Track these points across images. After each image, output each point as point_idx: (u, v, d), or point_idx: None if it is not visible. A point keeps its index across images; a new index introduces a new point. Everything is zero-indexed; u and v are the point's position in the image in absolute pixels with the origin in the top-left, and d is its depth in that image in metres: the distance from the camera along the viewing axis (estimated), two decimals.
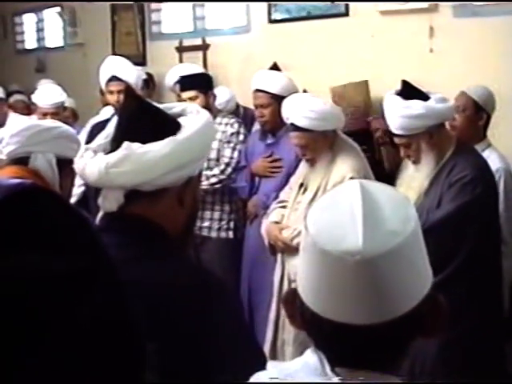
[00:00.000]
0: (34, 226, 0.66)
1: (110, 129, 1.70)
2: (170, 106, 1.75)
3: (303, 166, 4.03)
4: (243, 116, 5.39)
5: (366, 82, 4.95)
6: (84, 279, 0.68)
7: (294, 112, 3.84)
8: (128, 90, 1.73)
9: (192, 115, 1.69)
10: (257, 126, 4.98)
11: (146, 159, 1.55)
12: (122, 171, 1.56)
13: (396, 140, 3.44)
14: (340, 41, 5.35)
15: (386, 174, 3.96)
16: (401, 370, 1.18)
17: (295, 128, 3.84)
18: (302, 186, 3.95)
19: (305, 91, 4.52)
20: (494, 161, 3.68)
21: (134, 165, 1.55)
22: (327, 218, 1.12)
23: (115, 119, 1.69)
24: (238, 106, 5.64)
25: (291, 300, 1.18)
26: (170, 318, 1.42)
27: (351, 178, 3.65)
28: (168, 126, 1.63)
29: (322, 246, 1.09)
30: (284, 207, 4.08)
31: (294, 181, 4.09)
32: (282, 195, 4.18)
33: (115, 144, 1.61)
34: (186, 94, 4.78)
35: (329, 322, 1.10)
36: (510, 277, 3.75)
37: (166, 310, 1.43)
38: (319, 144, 3.84)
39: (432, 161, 3.35)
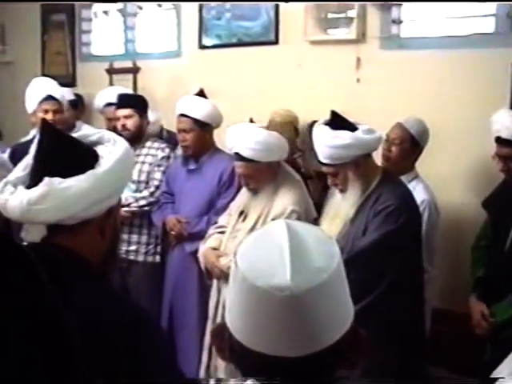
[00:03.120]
0: None
1: (28, 160, 1.68)
2: (87, 134, 1.74)
3: (244, 194, 4.03)
4: (167, 139, 5.37)
5: (291, 123, 4.92)
6: (24, 316, 0.70)
7: (240, 142, 3.81)
8: (44, 122, 1.73)
9: (110, 145, 1.69)
10: (180, 151, 4.97)
11: (68, 195, 1.56)
12: (44, 208, 1.56)
13: (324, 169, 3.49)
14: (269, 69, 5.41)
15: (314, 203, 4.02)
16: None
17: (240, 158, 3.83)
18: (243, 213, 3.95)
19: (251, 121, 4.50)
20: (419, 192, 3.76)
21: (56, 201, 1.56)
22: (257, 255, 1.17)
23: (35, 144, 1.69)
24: (161, 129, 5.62)
25: (220, 334, 1.21)
26: (107, 354, 1.42)
27: (292, 211, 3.70)
28: (86, 157, 1.64)
29: (252, 282, 1.13)
30: (222, 233, 4.07)
31: (234, 207, 4.08)
32: (221, 220, 4.17)
33: (35, 178, 1.60)
34: (121, 112, 4.78)
35: (258, 355, 1.14)
36: (431, 303, 3.84)
37: (103, 346, 1.42)
38: (263, 174, 3.84)
39: (358, 190, 3.40)
